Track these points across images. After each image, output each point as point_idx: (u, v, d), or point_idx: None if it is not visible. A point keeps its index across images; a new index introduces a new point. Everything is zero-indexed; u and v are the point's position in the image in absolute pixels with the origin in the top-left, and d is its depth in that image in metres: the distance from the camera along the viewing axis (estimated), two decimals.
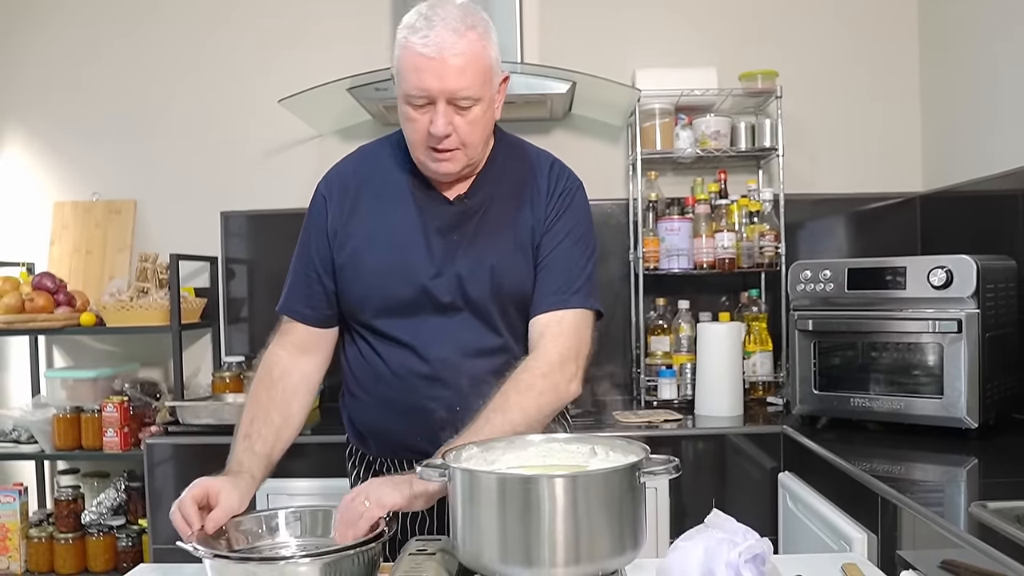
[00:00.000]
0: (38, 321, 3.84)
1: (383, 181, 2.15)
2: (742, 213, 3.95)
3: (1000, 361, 3.03)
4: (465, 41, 1.91)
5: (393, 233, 2.09)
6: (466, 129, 1.97)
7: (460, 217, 2.10)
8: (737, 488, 3.41)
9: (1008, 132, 3.42)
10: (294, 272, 2.22)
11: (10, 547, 3.97)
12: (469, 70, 1.92)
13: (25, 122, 4.43)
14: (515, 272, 2.10)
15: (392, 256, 2.08)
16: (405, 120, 2.01)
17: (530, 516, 1.46)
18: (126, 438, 3.86)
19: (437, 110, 1.94)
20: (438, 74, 1.90)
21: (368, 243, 2.10)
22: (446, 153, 1.99)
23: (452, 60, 1.89)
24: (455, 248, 2.08)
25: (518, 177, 2.17)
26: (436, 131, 1.94)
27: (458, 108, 1.94)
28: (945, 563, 2.03)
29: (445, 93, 1.92)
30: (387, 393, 2.11)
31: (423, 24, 1.91)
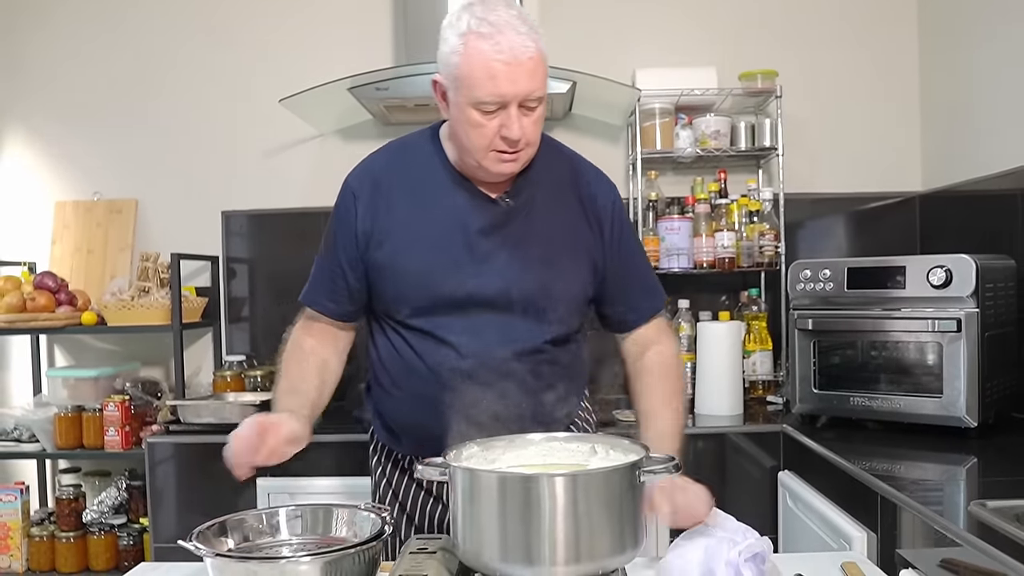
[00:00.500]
0: (39, 320, 3.84)
1: (419, 178, 2.14)
2: (742, 212, 3.96)
3: (999, 360, 3.04)
4: (533, 43, 1.92)
5: (434, 232, 2.09)
6: (532, 129, 1.98)
7: (504, 216, 2.10)
8: (737, 487, 3.42)
9: (1007, 132, 3.43)
10: (319, 266, 2.22)
11: (11, 546, 3.97)
12: (539, 71, 1.94)
13: (27, 122, 4.43)
14: (562, 273, 2.12)
15: (434, 256, 2.07)
16: (470, 126, 1.97)
17: (530, 515, 1.46)
18: (127, 437, 3.86)
19: (510, 114, 1.93)
20: (512, 79, 1.90)
21: (408, 242, 2.09)
22: (515, 154, 2.00)
23: (526, 64, 1.90)
24: (499, 248, 2.07)
25: (559, 177, 2.19)
26: (512, 135, 1.94)
27: (527, 109, 1.96)
28: (945, 562, 2.04)
29: (519, 96, 1.92)
30: (422, 389, 2.10)
31: (489, 30, 1.90)
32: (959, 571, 1.97)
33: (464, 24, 1.93)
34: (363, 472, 3.31)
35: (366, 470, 3.31)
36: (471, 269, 2.06)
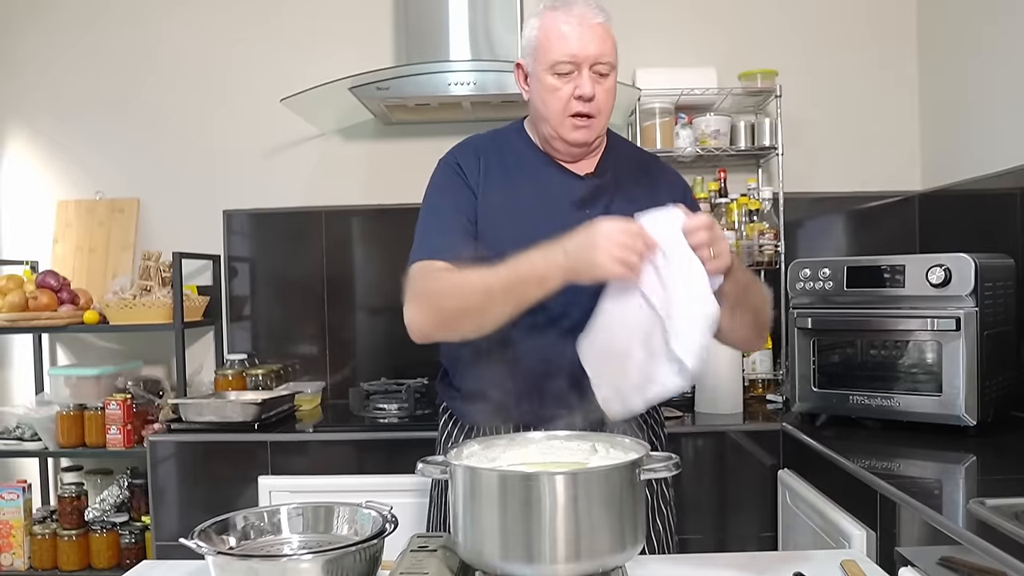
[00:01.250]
0: (42, 319, 3.84)
1: (512, 157, 2.26)
2: (742, 211, 3.97)
3: (998, 359, 3.04)
4: (602, 15, 2.12)
5: (527, 206, 2.18)
6: (603, 97, 2.13)
7: (594, 191, 2.21)
8: (737, 485, 3.42)
9: (1006, 131, 3.43)
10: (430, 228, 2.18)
11: (14, 544, 3.98)
12: (608, 38, 2.12)
13: (29, 121, 4.44)
14: None
15: (527, 228, 2.06)
16: (547, 92, 2.13)
17: (531, 513, 1.47)
18: (129, 435, 3.87)
19: (582, 74, 2.09)
20: (583, 41, 2.08)
21: (502, 216, 2.17)
22: (586, 119, 2.12)
23: (596, 28, 2.09)
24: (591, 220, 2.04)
25: (638, 160, 2.36)
26: (584, 92, 2.09)
27: (599, 75, 2.11)
28: (944, 560, 2.04)
29: (590, 59, 2.09)
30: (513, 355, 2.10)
31: (562, 4, 2.12)
32: (958, 569, 1.97)
33: (542, 5, 2.17)
34: (364, 471, 3.33)
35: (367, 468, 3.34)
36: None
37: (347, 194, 4.29)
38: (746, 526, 3.42)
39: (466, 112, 3.94)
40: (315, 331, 4.29)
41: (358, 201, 4.28)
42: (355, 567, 1.60)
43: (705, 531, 3.41)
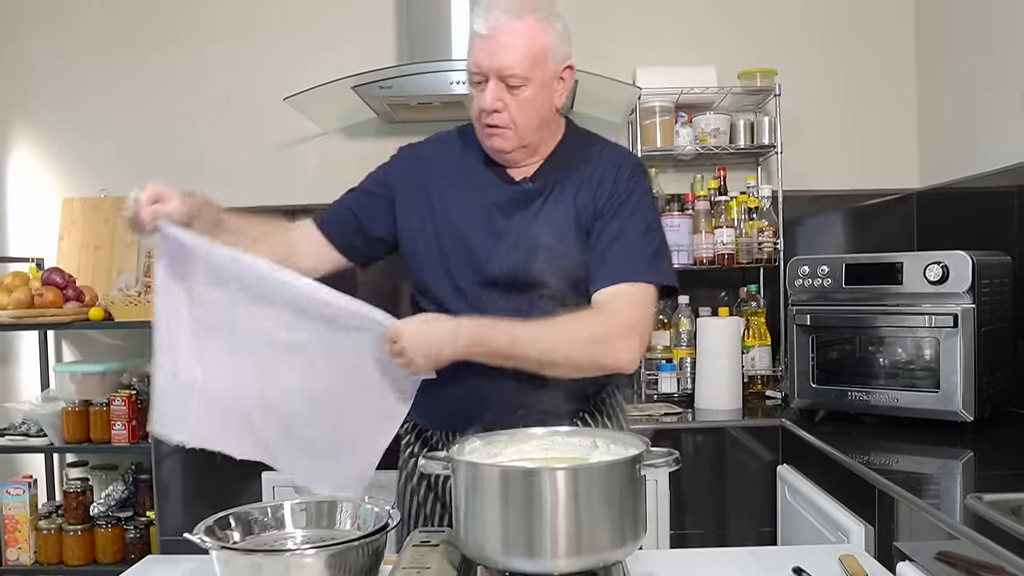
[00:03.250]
0: (47, 316, 3.86)
1: (452, 164, 2.22)
2: (741, 209, 3.97)
3: (995, 355, 3.06)
4: (519, 23, 1.99)
5: (456, 214, 2.15)
6: (516, 108, 2.04)
7: (523, 197, 2.14)
8: (736, 481, 3.44)
9: (1003, 129, 3.44)
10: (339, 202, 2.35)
11: (20, 539, 3.99)
12: (518, 50, 1.99)
13: (34, 119, 4.45)
14: (574, 254, 2.11)
15: (455, 236, 2.13)
16: (470, 98, 2.11)
17: (532, 508, 1.47)
18: (134, 431, 3.88)
19: (488, 86, 2.02)
20: (489, 51, 2.00)
21: (435, 220, 2.16)
22: (497, 129, 2.06)
23: (502, 39, 1.98)
24: (517, 228, 2.11)
25: (583, 165, 2.19)
26: (483, 105, 2.04)
27: (509, 87, 2.02)
28: (941, 554, 2.06)
29: (494, 70, 2.00)
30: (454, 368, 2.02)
31: (485, 5, 2.03)
32: (956, 564, 1.99)
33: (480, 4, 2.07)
34: None
35: None
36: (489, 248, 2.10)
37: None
38: (745, 521, 3.44)
39: (468, 110, 3.94)
40: None
41: None
42: (358, 562, 1.61)
43: (705, 526, 3.43)
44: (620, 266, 2.07)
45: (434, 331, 1.92)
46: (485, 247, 2.10)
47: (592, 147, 2.23)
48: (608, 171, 2.16)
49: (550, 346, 1.97)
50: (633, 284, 2.06)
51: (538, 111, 2.08)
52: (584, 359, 1.99)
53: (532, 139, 2.12)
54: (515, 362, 1.96)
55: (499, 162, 2.17)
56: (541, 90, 2.06)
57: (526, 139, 2.10)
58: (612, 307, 2.04)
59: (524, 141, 2.10)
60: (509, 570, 1.53)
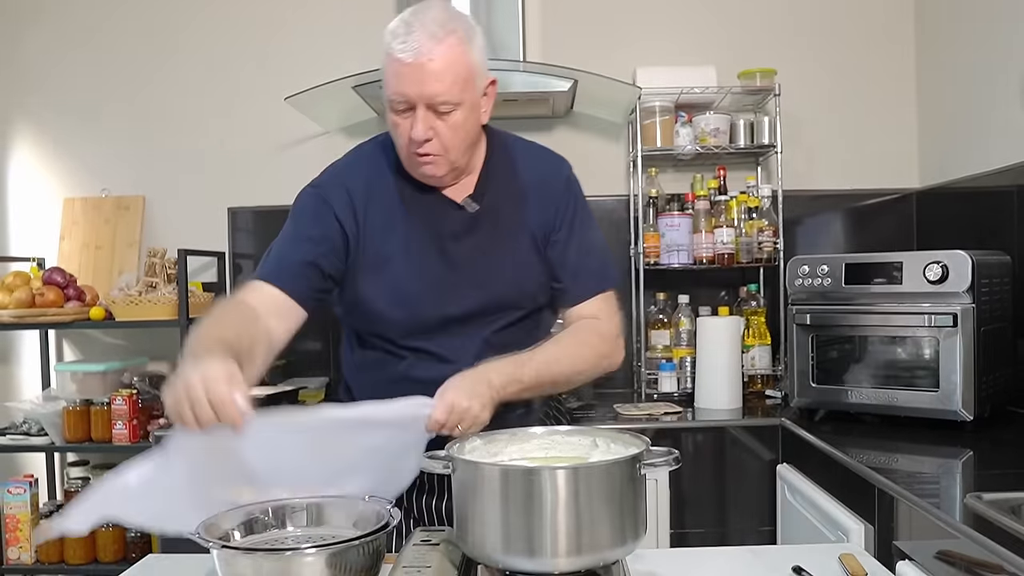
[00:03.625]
0: (48, 315, 3.87)
1: (386, 191, 2.11)
2: (741, 209, 3.98)
3: (995, 355, 3.06)
4: (444, 46, 1.90)
5: (409, 248, 2.07)
6: (447, 134, 1.96)
7: (472, 221, 2.09)
8: (736, 480, 3.45)
9: (1003, 129, 3.45)
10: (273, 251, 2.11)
11: (21, 538, 4.00)
12: (447, 75, 1.91)
13: (35, 119, 4.46)
14: (533, 269, 2.12)
15: (412, 272, 2.06)
16: (390, 125, 2.01)
17: (533, 507, 1.46)
18: (135, 430, 3.89)
19: (417, 115, 1.93)
20: (416, 80, 1.89)
21: (385, 261, 2.07)
22: (428, 157, 1.98)
23: (429, 65, 1.89)
24: (473, 254, 2.08)
25: (521, 175, 2.16)
26: (415, 136, 1.93)
27: (438, 113, 1.93)
28: (941, 553, 2.06)
29: (423, 98, 1.91)
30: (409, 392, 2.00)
31: (403, 30, 1.90)
32: (955, 563, 1.99)
33: (394, 25, 1.95)
34: None
35: None
36: (450, 280, 2.06)
37: None
38: (745, 520, 3.44)
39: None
40: (318, 326, 4.28)
41: None
42: (358, 560, 1.60)
43: (705, 525, 3.44)
44: (593, 280, 2.18)
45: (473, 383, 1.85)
46: (445, 280, 2.07)
47: (518, 155, 2.21)
48: (550, 182, 2.18)
49: (569, 370, 2.07)
50: (607, 293, 2.20)
51: (468, 133, 2.01)
52: (594, 372, 2.13)
53: (462, 161, 2.06)
54: (539, 391, 2.04)
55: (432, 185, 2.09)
56: (471, 112, 1.99)
57: (457, 162, 2.04)
58: (602, 319, 2.16)
59: (455, 164, 2.03)
60: (509, 569, 1.52)
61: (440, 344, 2.08)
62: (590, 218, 2.23)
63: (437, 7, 1.95)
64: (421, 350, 2.09)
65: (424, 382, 1.98)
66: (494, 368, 1.91)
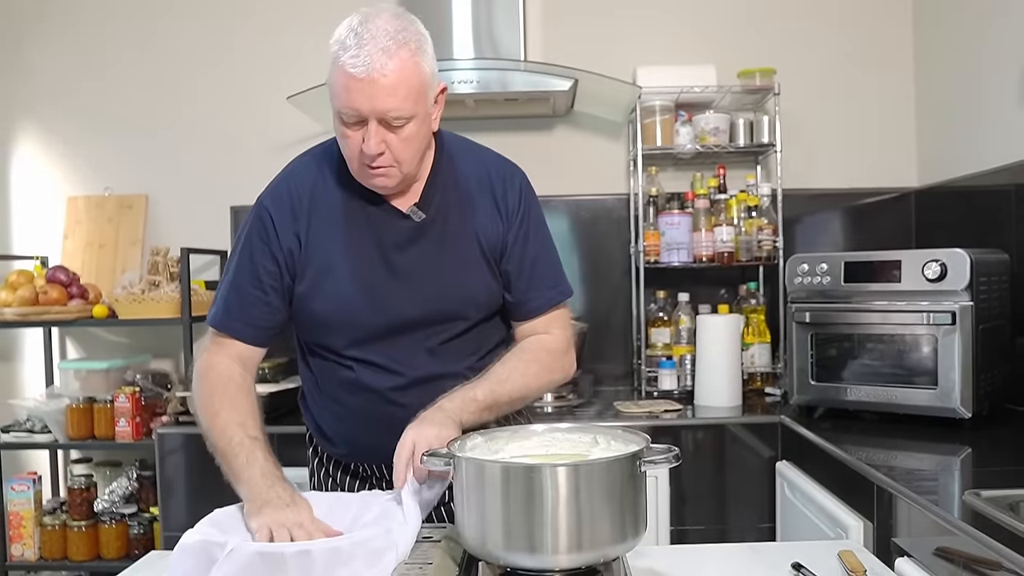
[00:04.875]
0: (52, 313, 3.89)
1: (330, 201, 2.08)
2: (741, 208, 3.98)
3: (993, 352, 3.07)
4: (396, 60, 1.84)
5: (351, 257, 2.05)
6: (399, 147, 1.92)
7: (417, 230, 2.06)
8: (736, 477, 3.46)
9: (1000, 128, 3.45)
10: (233, 287, 2.10)
11: (24, 534, 4.01)
12: (400, 89, 1.86)
13: (39, 119, 4.47)
14: (482, 279, 2.10)
15: (355, 281, 2.04)
16: (339, 136, 1.97)
17: (534, 504, 1.47)
18: (138, 428, 3.90)
19: (369, 130, 1.88)
20: (368, 95, 1.84)
21: (327, 271, 2.05)
22: (381, 169, 1.94)
23: (382, 81, 1.83)
24: (418, 263, 2.06)
25: (469, 182, 2.13)
26: (368, 150, 1.89)
27: (390, 127, 1.89)
28: (939, 550, 2.07)
29: (376, 113, 1.86)
30: (359, 405, 2.09)
31: (353, 42, 1.85)
32: (953, 559, 1.99)
33: (338, 33, 1.90)
34: None
35: None
36: (394, 289, 2.05)
37: None
38: (745, 517, 3.45)
39: (469, 109, 3.97)
40: None
41: None
42: None
43: (705, 522, 3.45)
44: (545, 294, 2.17)
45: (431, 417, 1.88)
46: (388, 289, 2.05)
47: (467, 161, 2.18)
48: (500, 189, 2.14)
49: (521, 388, 2.08)
50: (560, 307, 2.20)
51: (420, 143, 1.98)
52: (545, 388, 2.20)
53: (414, 171, 2.02)
54: (497, 412, 2.04)
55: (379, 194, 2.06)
56: (423, 123, 1.95)
57: (409, 173, 2.00)
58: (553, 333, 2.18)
59: (407, 175, 2.00)
60: (510, 565, 1.53)
61: (383, 355, 2.07)
62: (543, 228, 2.21)
63: (386, 15, 1.89)
64: (365, 360, 2.08)
65: (374, 390, 2.06)
66: (445, 398, 1.95)
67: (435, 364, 2.07)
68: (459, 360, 2.10)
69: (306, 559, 1.55)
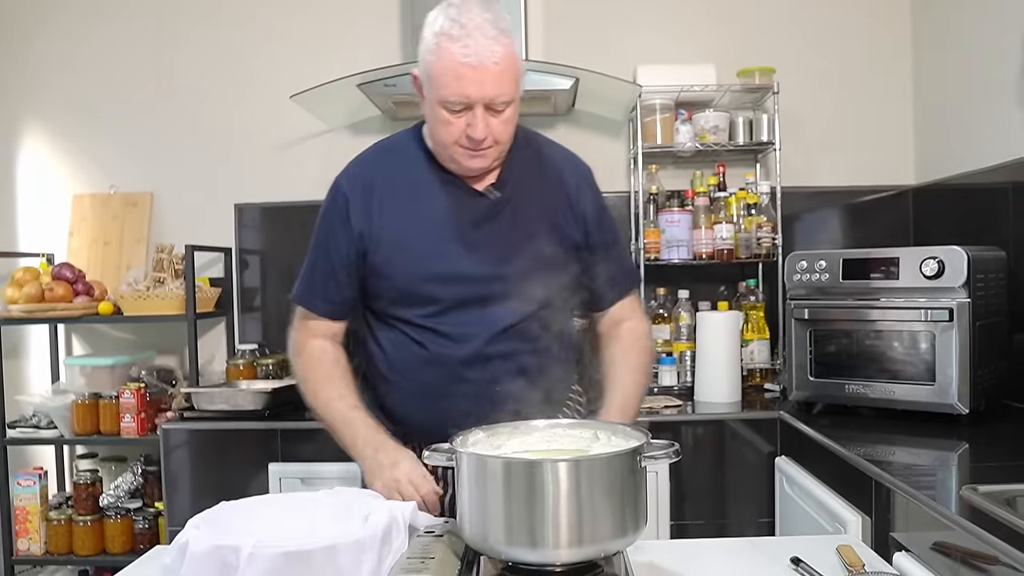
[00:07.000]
0: (58, 310, 3.90)
1: (408, 178, 2.17)
2: (740, 205, 4.00)
3: (990, 348, 3.07)
4: (502, 48, 1.95)
5: (427, 230, 2.13)
6: (500, 128, 2.02)
7: (492, 208, 2.15)
8: (735, 472, 3.47)
9: (997, 127, 3.46)
10: (311, 265, 2.24)
11: (31, 529, 4.04)
12: (506, 75, 1.97)
13: (44, 117, 4.49)
14: (555, 256, 2.16)
15: (429, 253, 2.12)
16: (439, 122, 2.04)
17: (535, 499, 1.48)
18: (143, 423, 3.92)
19: (476, 115, 1.98)
20: (479, 82, 1.94)
21: (402, 242, 2.13)
22: (481, 151, 2.04)
23: (492, 68, 1.94)
24: (489, 239, 2.13)
25: (542, 166, 2.24)
26: (476, 135, 1.99)
27: (494, 111, 1.99)
28: (937, 544, 2.07)
29: (485, 99, 1.96)
30: (427, 378, 2.15)
31: (459, 32, 1.94)
32: (951, 554, 1.99)
33: (438, 24, 1.99)
34: None
35: None
36: (466, 263, 2.11)
37: None
38: (744, 512, 3.47)
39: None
40: None
41: None
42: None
43: (704, 517, 3.47)
44: (623, 280, 2.36)
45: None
46: (461, 261, 2.12)
47: (544, 148, 2.31)
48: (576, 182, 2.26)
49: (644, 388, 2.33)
50: (635, 292, 2.40)
51: (515, 124, 2.10)
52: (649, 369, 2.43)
53: (504, 152, 2.14)
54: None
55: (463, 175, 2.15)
56: (518, 105, 2.07)
57: (503, 153, 2.12)
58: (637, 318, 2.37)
59: (501, 155, 2.12)
60: (512, 560, 1.54)
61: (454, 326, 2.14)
62: (613, 220, 2.37)
63: (476, 6, 1.99)
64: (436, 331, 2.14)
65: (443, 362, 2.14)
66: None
67: (503, 341, 2.14)
68: (526, 340, 2.16)
69: (332, 553, 1.57)
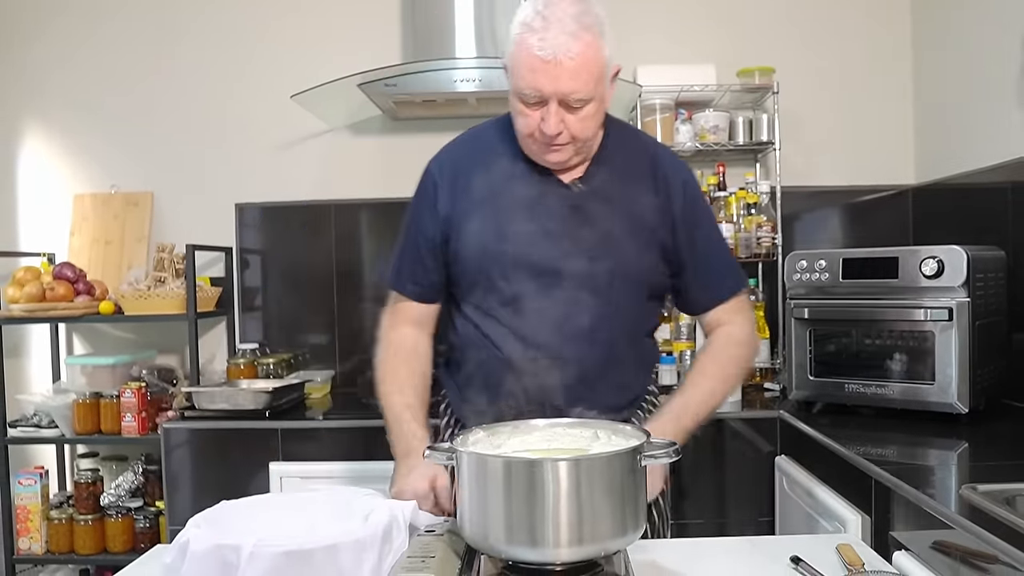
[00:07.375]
0: (59, 309, 3.90)
1: (498, 166, 2.16)
2: (740, 205, 4.01)
3: (989, 348, 3.08)
4: (580, 44, 1.92)
5: (513, 219, 2.11)
6: (577, 126, 1.99)
7: (579, 200, 2.12)
8: (735, 471, 3.48)
9: (997, 127, 3.47)
10: (401, 248, 2.27)
11: (32, 528, 4.04)
12: (582, 73, 1.93)
13: (45, 117, 4.49)
14: (638, 255, 2.14)
15: (514, 242, 2.09)
16: (517, 113, 2.03)
17: (535, 498, 1.47)
18: (144, 423, 3.92)
19: (549, 110, 1.95)
20: (552, 76, 1.92)
21: (479, 229, 2.12)
22: (556, 146, 2.02)
23: (567, 64, 1.91)
24: (572, 233, 2.10)
25: (633, 161, 2.19)
26: (549, 130, 1.96)
27: (570, 107, 1.96)
28: (937, 543, 2.08)
29: (558, 95, 1.93)
30: (498, 371, 2.13)
31: (540, 25, 1.92)
32: (951, 553, 2.00)
33: (524, 14, 1.96)
34: (373, 457, 3.36)
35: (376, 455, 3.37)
36: (551, 254, 2.09)
37: (356, 188, 4.34)
38: (744, 511, 3.48)
39: (472, 108, 3.98)
40: (325, 321, 4.34)
41: (366, 195, 4.32)
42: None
43: (704, 516, 3.47)
44: (724, 283, 2.28)
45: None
46: (549, 254, 2.10)
47: (634, 143, 2.26)
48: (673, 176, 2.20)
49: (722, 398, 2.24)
50: (740, 294, 2.29)
51: (596, 123, 2.06)
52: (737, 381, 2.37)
53: (588, 148, 2.11)
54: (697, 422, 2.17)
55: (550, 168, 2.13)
56: (600, 104, 2.03)
57: (583, 151, 2.09)
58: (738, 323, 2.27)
59: (580, 152, 2.08)
60: (512, 559, 1.54)
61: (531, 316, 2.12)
62: (714, 223, 2.32)
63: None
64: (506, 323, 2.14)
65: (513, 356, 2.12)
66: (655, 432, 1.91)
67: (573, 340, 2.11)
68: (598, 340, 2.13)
69: (332, 552, 1.57)
